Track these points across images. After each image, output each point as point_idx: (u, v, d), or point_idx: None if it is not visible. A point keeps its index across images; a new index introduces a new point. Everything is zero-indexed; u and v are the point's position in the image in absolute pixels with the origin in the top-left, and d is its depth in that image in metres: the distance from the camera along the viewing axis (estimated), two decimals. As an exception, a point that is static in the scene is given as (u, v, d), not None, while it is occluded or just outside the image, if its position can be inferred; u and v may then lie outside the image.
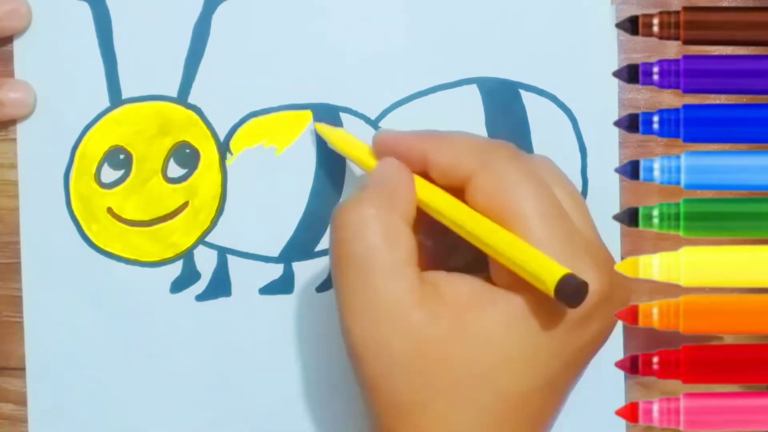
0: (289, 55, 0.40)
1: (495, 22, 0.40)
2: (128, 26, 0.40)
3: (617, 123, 0.33)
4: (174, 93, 0.41)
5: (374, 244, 0.33)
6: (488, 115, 0.41)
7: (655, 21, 0.32)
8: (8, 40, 0.40)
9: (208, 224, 0.41)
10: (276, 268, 0.41)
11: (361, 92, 0.41)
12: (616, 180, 0.40)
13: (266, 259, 0.41)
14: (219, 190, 0.41)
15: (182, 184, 0.41)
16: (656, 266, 0.32)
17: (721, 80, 0.32)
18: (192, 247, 0.41)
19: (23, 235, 0.41)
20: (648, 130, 0.32)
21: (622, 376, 0.41)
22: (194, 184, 0.41)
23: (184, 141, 0.41)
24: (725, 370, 0.33)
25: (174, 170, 0.41)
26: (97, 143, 0.41)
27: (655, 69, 0.32)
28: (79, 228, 0.41)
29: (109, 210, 0.41)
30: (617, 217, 0.33)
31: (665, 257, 0.32)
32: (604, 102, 0.40)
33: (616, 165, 0.40)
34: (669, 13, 0.32)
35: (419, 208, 0.35)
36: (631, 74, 0.32)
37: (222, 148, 0.41)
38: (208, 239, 0.41)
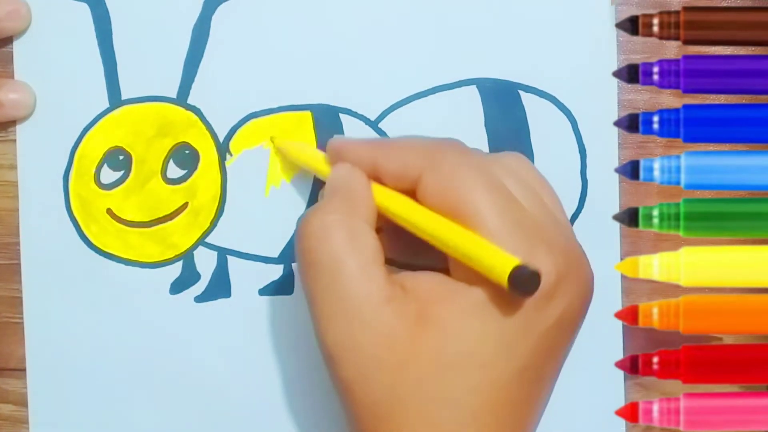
0: (289, 56, 0.40)
1: (494, 23, 0.40)
2: (128, 27, 0.40)
3: (617, 123, 0.33)
4: (173, 94, 0.41)
5: (340, 248, 0.33)
6: (488, 116, 0.41)
7: (655, 21, 0.32)
8: (8, 41, 0.40)
9: (208, 225, 0.41)
10: (276, 269, 0.41)
11: (361, 93, 0.41)
12: (616, 180, 0.40)
13: (266, 260, 0.41)
14: (219, 191, 0.41)
15: (182, 185, 0.41)
16: (656, 266, 0.32)
17: (721, 80, 0.32)
18: (192, 248, 0.41)
19: (23, 236, 0.41)
20: (648, 130, 0.32)
21: (622, 376, 0.41)
22: (194, 185, 0.41)
23: (184, 142, 0.41)
24: (725, 370, 0.33)
25: (173, 171, 0.41)
26: (97, 144, 0.41)
27: (655, 69, 0.32)
28: (79, 229, 0.41)
29: (109, 211, 0.41)
30: (617, 217, 0.33)
31: (665, 257, 0.32)
32: (604, 103, 0.40)
33: (616, 165, 0.40)
34: (669, 13, 0.32)
35: (380, 212, 0.35)
36: (631, 74, 0.32)
37: (221, 149, 0.41)
38: (208, 240, 0.41)
